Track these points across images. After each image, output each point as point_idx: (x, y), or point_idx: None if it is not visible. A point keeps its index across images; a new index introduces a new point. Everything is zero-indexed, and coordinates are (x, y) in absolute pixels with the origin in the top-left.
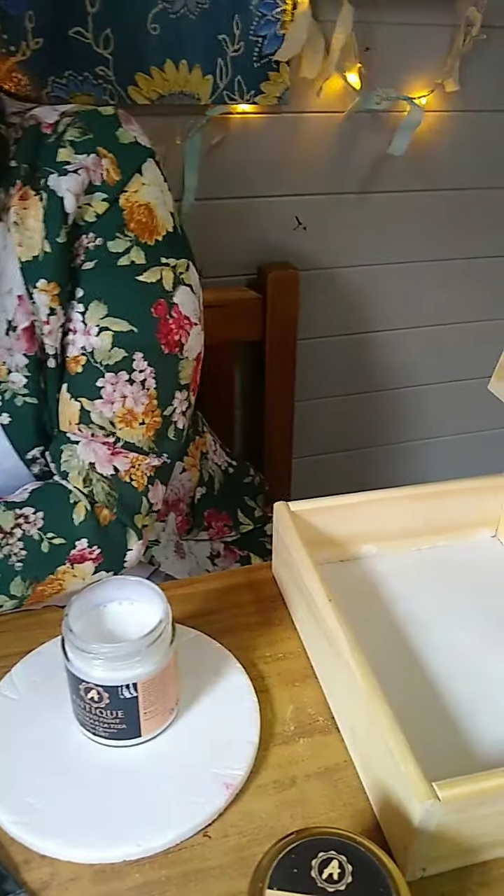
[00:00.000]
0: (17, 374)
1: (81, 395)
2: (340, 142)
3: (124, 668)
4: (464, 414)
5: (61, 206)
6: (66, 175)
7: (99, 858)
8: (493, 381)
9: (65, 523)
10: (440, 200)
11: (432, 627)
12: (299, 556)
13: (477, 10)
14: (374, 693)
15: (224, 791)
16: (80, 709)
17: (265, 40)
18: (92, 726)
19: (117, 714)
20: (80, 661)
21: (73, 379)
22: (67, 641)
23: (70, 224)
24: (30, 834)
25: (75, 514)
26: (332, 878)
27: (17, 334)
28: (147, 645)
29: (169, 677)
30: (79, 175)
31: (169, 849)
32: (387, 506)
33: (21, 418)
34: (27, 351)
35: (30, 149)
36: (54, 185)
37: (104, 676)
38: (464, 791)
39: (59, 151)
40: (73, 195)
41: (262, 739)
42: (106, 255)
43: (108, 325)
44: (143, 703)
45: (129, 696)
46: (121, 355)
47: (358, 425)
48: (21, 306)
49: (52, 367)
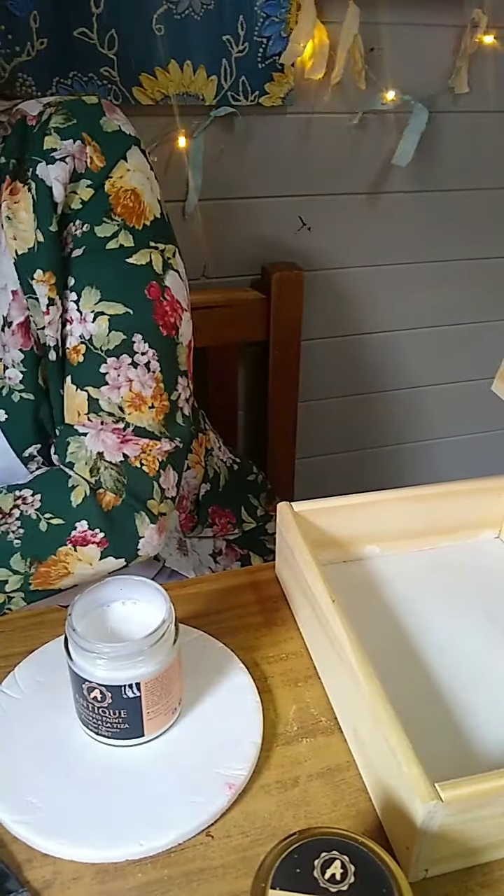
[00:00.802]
0: (13, 369)
1: (87, 384)
2: (345, 143)
3: (127, 668)
4: (467, 415)
5: (50, 195)
6: (53, 163)
7: (101, 858)
8: (497, 383)
9: (62, 505)
10: (445, 201)
11: (435, 628)
12: (302, 556)
13: (482, 11)
14: (377, 693)
15: (226, 791)
16: (84, 708)
17: (270, 41)
18: (95, 726)
19: (120, 714)
20: (83, 660)
21: (76, 369)
22: (70, 641)
23: (59, 213)
24: (32, 833)
25: (73, 496)
26: (334, 879)
27: (11, 330)
28: (150, 644)
29: (172, 677)
30: (66, 163)
31: (171, 848)
32: (390, 506)
33: (18, 415)
34: (23, 346)
35: (16, 142)
36: (42, 174)
37: (107, 676)
38: (467, 792)
39: (45, 139)
40: (61, 184)
41: (264, 739)
42: (94, 241)
43: (102, 309)
44: (146, 703)
45: (133, 696)
46: (119, 339)
47: (361, 426)
48: (15, 301)
49: (52, 359)
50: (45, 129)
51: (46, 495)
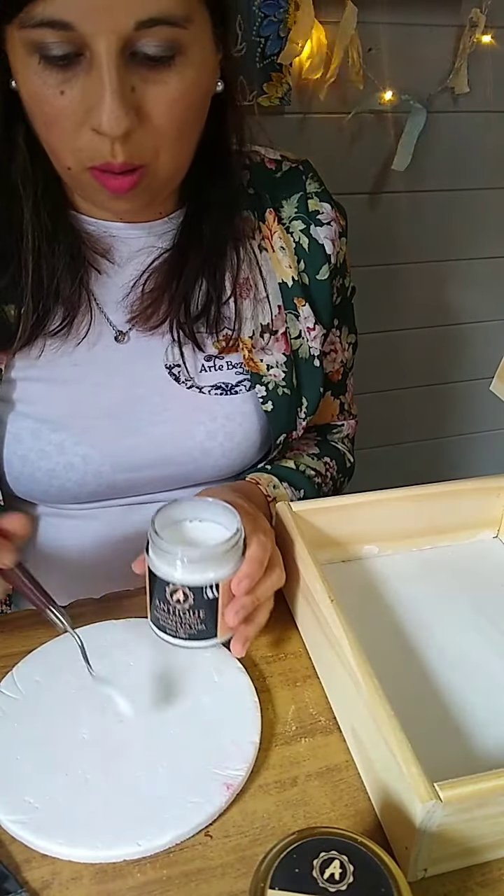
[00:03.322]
0: (276, 369)
1: (339, 394)
2: (343, 143)
3: (208, 570)
4: (467, 414)
5: (323, 251)
6: (321, 226)
7: (99, 858)
8: (496, 382)
9: (343, 468)
10: (444, 201)
11: (434, 628)
12: (301, 556)
13: (480, 11)
14: (376, 693)
15: (225, 791)
16: (164, 612)
17: (267, 41)
18: (174, 628)
19: (199, 614)
20: (167, 564)
21: (335, 385)
22: (154, 547)
23: (332, 265)
24: (29, 833)
25: (346, 460)
26: (333, 879)
27: (275, 337)
28: (227, 550)
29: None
30: (332, 226)
31: (170, 848)
32: (389, 506)
33: (280, 406)
34: (285, 351)
35: (264, 182)
36: (315, 235)
37: (190, 578)
38: (466, 792)
39: (309, 202)
40: (331, 241)
41: (263, 739)
42: (344, 290)
43: (350, 340)
44: (222, 604)
45: (212, 597)
46: (353, 360)
47: (360, 425)
48: (280, 315)
49: (316, 366)
50: (306, 192)
51: (336, 461)
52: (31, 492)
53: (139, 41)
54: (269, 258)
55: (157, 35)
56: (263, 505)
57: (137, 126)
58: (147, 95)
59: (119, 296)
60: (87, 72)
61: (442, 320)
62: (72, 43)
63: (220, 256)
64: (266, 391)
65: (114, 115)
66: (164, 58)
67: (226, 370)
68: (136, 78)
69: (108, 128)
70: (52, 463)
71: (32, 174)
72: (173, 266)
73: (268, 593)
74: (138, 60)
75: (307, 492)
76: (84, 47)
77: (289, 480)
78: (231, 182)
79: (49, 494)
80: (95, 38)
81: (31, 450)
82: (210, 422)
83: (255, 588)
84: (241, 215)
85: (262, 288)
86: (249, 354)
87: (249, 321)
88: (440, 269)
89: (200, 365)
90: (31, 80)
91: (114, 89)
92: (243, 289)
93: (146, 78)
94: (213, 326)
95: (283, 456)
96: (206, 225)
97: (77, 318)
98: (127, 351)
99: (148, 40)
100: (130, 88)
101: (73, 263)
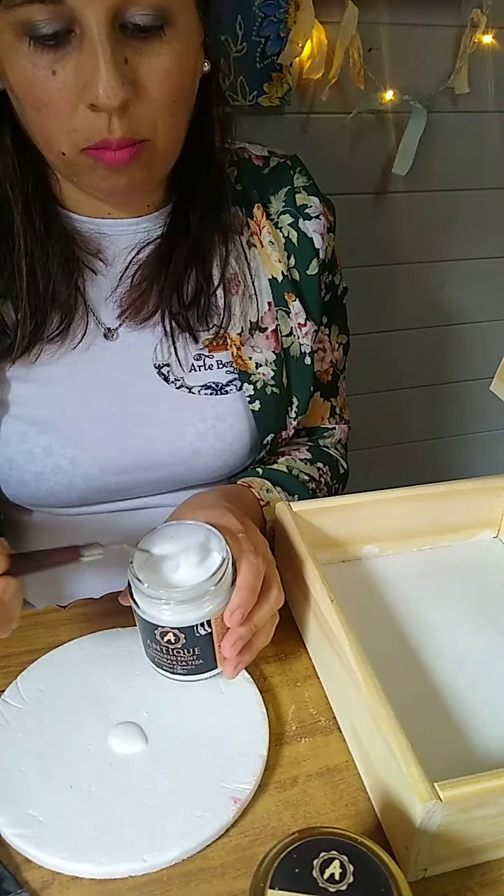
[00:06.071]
0: (265, 367)
1: (330, 397)
2: (344, 143)
3: (196, 609)
4: (467, 414)
5: (312, 245)
6: (310, 220)
7: (103, 874)
8: (496, 382)
9: (337, 474)
10: (445, 201)
11: (434, 628)
12: (301, 556)
13: (481, 11)
14: (376, 693)
15: (232, 805)
16: (157, 652)
17: (268, 41)
18: (170, 666)
19: (194, 651)
20: (153, 608)
21: (325, 386)
22: (137, 591)
23: (321, 260)
24: (32, 847)
25: (339, 467)
26: (333, 879)
27: (265, 334)
28: (215, 584)
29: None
30: (320, 220)
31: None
32: (389, 506)
33: (268, 406)
34: (274, 349)
35: (252, 178)
36: (304, 228)
37: (179, 619)
38: (466, 792)
39: (297, 196)
40: (319, 234)
41: None
42: (334, 287)
43: (340, 340)
44: (216, 637)
45: (204, 633)
46: (345, 361)
47: (360, 425)
48: (269, 311)
49: (307, 364)
50: (293, 185)
51: (329, 467)
52: (20, 495)
53: (128, 10)
54: (258, 254)
55: (145, 3)
56: (256, 510)
57: (134, 98)
58: (140, 67)
59: (107, 292)
60: (79, 49)
61: (442, 320)
62: (61, 18)
63: (209, 246)
64: (254, 390)
65: (110, 86)
66: (154, 27)
67: (216, 369)
68: (129, 50)
69: (106, 98)
70: (39, 465)
71: (21, 176)
72: (161, 256)
73: (265, 619)
74: (129, 33)
75: (301, 497)
76: (73, 22)
77: (282, 485)
78: (218, 176)
79: (38, 498)
80: (84, 11)
81: (18, 452)
82: (200, 423)
83: (250, 616)
84: (228, 209)
85: (250, 284)
86: (238, 352)
87: (238, 318)
88: (440, 269)
89: (190, 364)
90: (20, 65)
91: (107, 59)
92: (232, 284)
93: (138, 50)
94: (203, 318)
95: (276, 459)
96: (193, 216)
97: (74, 322)
98: (116, 350)
99: (137, 9)
100: (124, 60)
101: (68, 266)
